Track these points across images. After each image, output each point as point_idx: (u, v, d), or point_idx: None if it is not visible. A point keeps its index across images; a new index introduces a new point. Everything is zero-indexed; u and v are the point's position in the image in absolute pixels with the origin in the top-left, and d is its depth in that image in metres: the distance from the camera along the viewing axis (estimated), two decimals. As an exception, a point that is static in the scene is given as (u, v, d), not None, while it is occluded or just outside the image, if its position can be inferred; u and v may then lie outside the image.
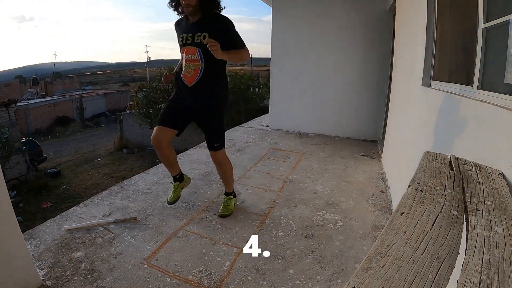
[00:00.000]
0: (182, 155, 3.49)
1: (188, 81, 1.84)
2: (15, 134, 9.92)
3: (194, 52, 1.77)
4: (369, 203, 2.38)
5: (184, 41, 1.79)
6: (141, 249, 1.73)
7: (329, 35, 4.20)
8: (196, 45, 1.75)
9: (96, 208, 2.18)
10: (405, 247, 0.55)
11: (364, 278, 0.48)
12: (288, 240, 1.85)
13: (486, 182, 0.82)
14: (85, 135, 17.88)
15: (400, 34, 2.94)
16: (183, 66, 1.85)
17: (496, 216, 0.66)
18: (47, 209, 7.92)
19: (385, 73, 4.00)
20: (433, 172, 0.90)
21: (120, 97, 25.61)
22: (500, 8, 1.09)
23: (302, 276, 1.55)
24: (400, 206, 0.70)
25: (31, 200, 8.62)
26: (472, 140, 1.09)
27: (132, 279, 1.49)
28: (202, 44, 1.71)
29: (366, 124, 4.30)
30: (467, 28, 1.37)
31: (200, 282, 1.49)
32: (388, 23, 3.85)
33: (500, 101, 0.97)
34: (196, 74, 1.81)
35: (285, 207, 2.27)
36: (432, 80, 1.85)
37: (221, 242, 1.82)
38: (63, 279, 1.47)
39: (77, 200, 7.50)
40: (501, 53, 1.11)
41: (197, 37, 1.74)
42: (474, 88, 1.23)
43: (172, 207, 2.22)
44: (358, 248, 1.79)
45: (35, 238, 1.79)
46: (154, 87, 12.12)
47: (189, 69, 1.82)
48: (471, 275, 0.48)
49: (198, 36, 1.73)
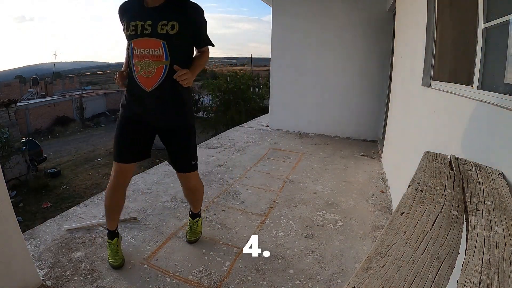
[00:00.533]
0: (182, 155, 3.49)
1: (146, 84, 1.38)
2: (15, 134, 9.93)
3: (156, 45, 1.34)
4: (369, 203, 2.38)
5: (139, 30, 1.34)
6: (141, 249, 1.73)
7: (329, 35, 4.20)
8: (159, 37, 1.33)
9: (96, 208, 2.18)
10: (405, 247, 0.55)
11: (364, 278, 0.48)
12: (288, 240, 1.85)
13: (486, 182, 0.82)
14: (85, 135, 17.88)
15: (400, 34, 2.94)
16: (136, 64, 1.38)
17: (496, 216, 0.66)
18: (47, 209, 7.92)
19: (385, 73, 4.00)
20: (433, 172, 0.90)
21: (120, 97, 25.50)
22: (500, 8, 1.09)
23: (302, 276, 1.55)
24: (400, 206, 0.70)
25: (31, 200, 8.62)
26: (472, 140, 1.09)
27: (132, 279, 1.49)
28: (168, 36, 1.33)
29: (366, 124, 4.30)
30: (467, 28, 1.37)
31: (200, 282, 1.49)
32: (388, 23, 3.85)
33: (500, 101, 0.97)
34: (158, 75, 1.37)
35: (285, 207, 2.27)
36: (432, 80, 1.85)
37: (221, 242, 1.82)
38: (63, 279, 1.47)
39: (77, 200, 7.50)
40: (501, 53, 1.11)
41: (161, 26, 1.32)
42: (474, 88, 1.23)
43: (172, 206, 2.22)
44: (358, 248, 1.79)
45: (35, 238, 1.79)
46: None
47: (147, 68, 1.36)
48: (471, 275, 0.48)
49: (163, 25, 1.32)
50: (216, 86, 12.36)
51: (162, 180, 2.70)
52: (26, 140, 10.81)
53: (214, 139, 4.24)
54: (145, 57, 1.36)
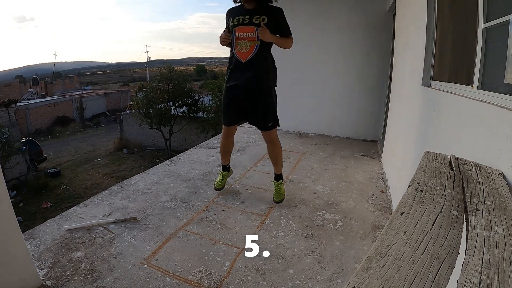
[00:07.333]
0: (182, 155, 3.49)
1: (242, 57, 2.03)
2: (15, 134, 9.93)
3: (252, 30, 1.97)
4: (369, 203, 2.38)
5: (241, 21, 1.99)
6: (141, 249, 1.73)
7: (329, 35, 4.20)
8: (254, 25, 1.97)
9: (96, 208, 2.18)
10: (405, 247, 0.55)
11: (364, 278, 0.48)
12: (288, 240, 1.85)
13: (486, 182, 0.82)
14: (85, 135, 17.88)
15: (400, 34, 2.94)
16: (236, 45, 2.03)
17: (496, 216, 0.66)
18: (47, 209, 7.93)
19: (385, 73, 4.00)
20: (433, 172, 0.90)
21: (120, 97, 25.60)
22: (500, 8, 1.09)
23: (302, 276, 1.55)
24: (400, 206, 0.70)
25: (31, 200, 8.63)
26: (472, 140, 1.09)
27: (132, 279, 1.49)
28: (260, 25, 1.96)
29: (366, 124, 4.30)
30: (467, 28, 1.37)
31: (200, 282, 1.49)
32: (388, 23, 3.85)
33: (500, 101, 0.97)
34: (251, 51, 2.00)
35: (285, 207, 2.27)
36: (432, 80, 1.85)
37: (221, 242, 1.82)
38: (63, 279, 1.47)
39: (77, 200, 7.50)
40: (501, 53, 1.11)
41: (255, 19, 1.97)
42: (474, 88, 1.22)
43: (172, 206, 2.22)
44: (358, 248, 1.79)
45: (35, 238, 1.79)
46: (154, 87, 12.13)
47: (245, 45, 2.01)
48: (471, 275, 0.48)
49: (257, 18, 1.97)
50: (216, 86, 12.37)
51: (162, 180, 2.70)
52: (26, 140, 10.82)
53: (214, 139, 4.24)
54: (244, 38, 2.01)
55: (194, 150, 3.71)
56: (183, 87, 12.15)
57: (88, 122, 20.68)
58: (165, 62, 17.77)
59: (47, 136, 17.55)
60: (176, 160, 3.28)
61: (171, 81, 11.98)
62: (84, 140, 16.33)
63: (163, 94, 11.93)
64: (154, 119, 11.66)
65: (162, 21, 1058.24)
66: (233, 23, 2.02)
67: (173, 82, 11.97)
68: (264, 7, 2.01)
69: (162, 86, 12.05)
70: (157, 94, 11.87)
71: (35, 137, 14.62)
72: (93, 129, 19.54)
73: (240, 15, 2.01)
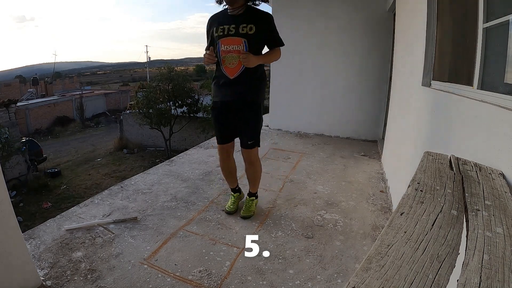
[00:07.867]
0: (182, 155, 3.49)
1: (230, 73, 1.81)
2: (15, 134, 9.93)
3: (239, 42, 1.75)
4: (369, 203, 2.38)
5: (226, 31, 1.75)
6: (141, 249, 1.73)
7: (329, 35, 4.20)
8: (241, 36, 1.74)
9: (96, 208, 2.18)
10: (405, 247, 0.55)
11: (364, 278, 0.48)
12: (288, 240, 1.85)
13: (486, 182, 0.82)
14: (85, 135, 17.88)
15: (400, 34, 2.94)
16: (223, 59, 1.80)
17: (496, 216, 0.66)
18: (47, 209, 7.93)
19: (385, 73, 4.00)
20: (433, 172, 0.90)
21: (120, 97, 25.62)
22: (500, 8, 1.09)
23: (302, 276, 1.55)
24: (400, 206, 0.70)
25: (31, 200, 8.62)
26: (472, 140, 1.09)
27: (132, 279, 1.49)
28: (248, 35, 1.73)
29: (366, 124, 4.30)
30: (467, 28, 1.37)
31: (200, 282, 1.49)
32: (388, 23, 3.85)
33: (500, 101, 0.97)
34: (239, 66, 1.78)
35: (285, 207, 2.27)
36: (432, 80, 1.85)
37: (221, 242, 1.82)
38: (63, 279, 1.47)
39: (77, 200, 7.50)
40: (501, 53, 1.11)
41: (242, 28, 1.73)
42: (474, 88, 1.22)
43: (172, 206, 2.22)
44: (358, 248, 1.79)
45: (35, 238, 1.79)
46: (154, 87, 12.12)
47: (232, 60, 1.78)
48: (471, 275, 0.48)
49: (244, 27, 1.73)
50: (216, 86, 12.33)
51: (162, 180, 2.70)
52: (26, 140, 10.82)
53: (214, 139, 4.24)
54: (231, 52, 1.77)
55: (194, 150, 3.71)
56: (183, 87, 12.14)
57: (88, 122, 20.68)
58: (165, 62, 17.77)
59: (47, 136, 17.55)
60: (176, 160, 3.28)
61: (171, 81, 11.97)
62: (84, 140, 16.32)
63: (163, 94, 11.92)
64: (154, 119, 11.65)
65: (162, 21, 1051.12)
66: (218, 34, 1.78)
67: (173, 82, 11.96)
68: (251, 12, 1.78)
69: (162, 86, 12.04)
70: (157, 94, 11.86)
71: (35, 137, 14.62)
72: (93, 129, 19.53)
73: (225, 24, 1.76)
